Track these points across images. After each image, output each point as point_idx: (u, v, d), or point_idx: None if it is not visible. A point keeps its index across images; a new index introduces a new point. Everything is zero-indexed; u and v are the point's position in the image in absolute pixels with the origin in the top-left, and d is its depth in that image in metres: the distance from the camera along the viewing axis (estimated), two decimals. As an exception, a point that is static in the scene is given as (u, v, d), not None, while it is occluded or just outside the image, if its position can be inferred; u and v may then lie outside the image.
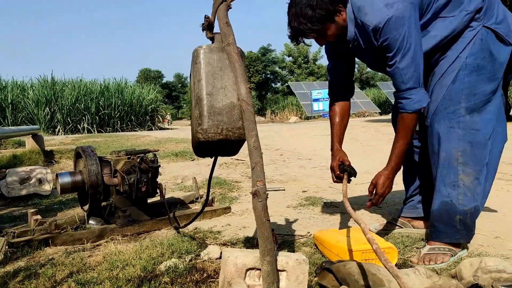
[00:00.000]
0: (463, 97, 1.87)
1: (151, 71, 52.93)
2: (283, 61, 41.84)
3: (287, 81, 37.55)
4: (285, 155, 6.26)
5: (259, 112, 36.84)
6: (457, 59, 1.88)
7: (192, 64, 1.55)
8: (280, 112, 27.47)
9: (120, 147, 7.65)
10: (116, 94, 17.89)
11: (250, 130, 1.41)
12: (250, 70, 40.30)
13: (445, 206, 1.92)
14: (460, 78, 1.87)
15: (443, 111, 1.91)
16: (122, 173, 2.51)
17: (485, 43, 1.85)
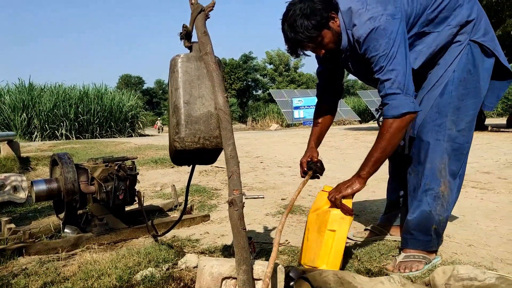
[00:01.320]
0: (450, 111, 1.91)
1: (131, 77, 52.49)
2: (265, 68, 42.09)
3: (268, 88, 37.74)
4: (265, 162, 6.28)
5: (240, 119, 36.87)
6: (445, 72, 1.92)
7: (170, 72, 1.56)
8: (261, 120, 27.53)
9: (98, 154, 7.55)
10: (95, 100, 17.68)
11: (227, 139, 1.41)
12: (232, 77, 40.38)
13: (424, 215, 1.96)
14: (447, 91, 1.91)
15: (431, 123, 1.94)
16: (100, 180, 2.48)
17: (471, 57, 1.90)
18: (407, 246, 2.03)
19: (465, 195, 3.47)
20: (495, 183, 3.94)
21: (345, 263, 2.04)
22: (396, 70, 1.72)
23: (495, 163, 5.11)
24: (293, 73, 40.44)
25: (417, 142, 1.99)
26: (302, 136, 11.51)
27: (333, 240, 1.79)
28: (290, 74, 40.13)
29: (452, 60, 1.91)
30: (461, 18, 1.89)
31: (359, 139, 9.66)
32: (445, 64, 1.93)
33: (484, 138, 8.50)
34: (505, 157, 5.52)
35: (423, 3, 1.86)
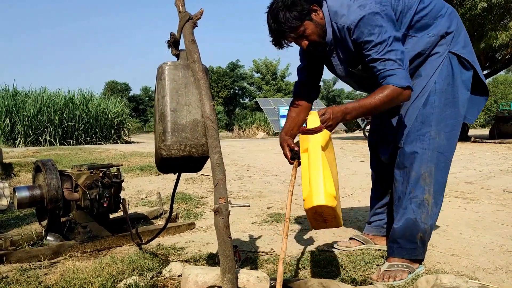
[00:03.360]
0: (433, 120, 1.96)
1: (118, 84, 52.11)
2: (252, 77, 42.19)
3: (255, 97, 37.84)
4: (251, 171, 6.27)
5: (226, 127, 36.83)
6: (428, 83, 1.97)
7: (157, 80, 1.56)
8: (248, 128, 27.54)
9: (83, 161, 7.46)
10: (81, 106, 17.48)
11: (213, 147, 1.42)
12: (219, 85, 40.40)
13: (409, 223, 1.99)
14: (430, 102, 1.96)
15: (415, 133, 1.98)
16: (84, 187, 2.45)
17: (450, 69, 1.97)
18: (393, 255, 2.05)
19: (448, 205, 3.52)
20: (478, 193, 4.01)
21: (330, 272, 2.05)
22: (395, 50, 1.76)
23: (478, 174, 5.20)
24: (280, 81, 40.61)
25: (402, 152, 2.03)
26: (289, 144, 11.52)
27: (307, 160, 1.64)
28: (277, 83, 40.28)
29: (433, 71, 1.97)
30: (440, 28, 1.96)
31: (344, 148, 9.72)
32: (427, 76, 1.98)
33: (467, 149, 8.64)
34: (488, 168, 5.61)
35: (407, 4, 1.92)
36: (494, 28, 9.43)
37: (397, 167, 2.05)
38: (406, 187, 2.00)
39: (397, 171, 2.06)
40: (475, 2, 8.94)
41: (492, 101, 33.62)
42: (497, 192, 4.03)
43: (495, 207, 3.40)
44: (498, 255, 2.25)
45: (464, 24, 7.79)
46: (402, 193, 2.02)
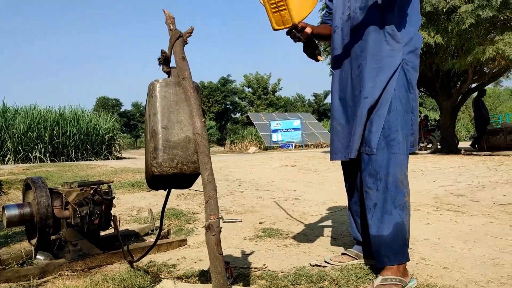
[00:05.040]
0: (399, 125, 2.05)
1: (109, 100, 52.06)
2: (243, 91, 42.40)
3: (247, 111, 37.97)
4: (243, 186, 6.26)
5: (218, 142, 36.85)
6: (386, 89, 2.04)
7: (147, 97, 1.56)
8: (240, 142, 27.57)
9: (74, 177, 7.40)
10: (71, 123, 17.40)
11: (204, 164, 1.42)
12: (210, 100, 40.51)
13: (399, 228, 2.01)
14: (393, 109, 2.04)
15: (385, 139, 2.04)
16: (74, 205, 2.43)
17: (405, 75, 2.07)
18: (389, 263, 2.03)
19: (439, 218, 3.54)
20: (469, 206, 4.03)
21: (323, 287, 2.04)
22: None
23: (469, 186, 5.23)
24: (271, 96, 40.84)
25: (374, 159, 2.06)
26: (280, 159, 11.56)
27: None
28: (269, 98, 40.51)
29: (390, 75, 2.04)
30: (408, 35, 2.08)
31: (336, 162, 9.77)
32: (385, 78, 2.04)
33: (458, 162, 8.71)
34: (478, 180, 5.66)
35: None
36: (481, 42, 9.59)
37: (369, 175, 2.08)
38: (384, 192, 2.02)
39: (369, 179, 2.08)
40: (462, 18, 9.10)
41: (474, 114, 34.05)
42: (487, 204, 4.06)
43: (486, 219, 3.42)
44: (489, 267, 2.26)
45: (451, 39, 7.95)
46: (378, 200, 2.04)
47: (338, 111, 2.29)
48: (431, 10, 9.45)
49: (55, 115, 17.42)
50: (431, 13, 9.62)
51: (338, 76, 2.29)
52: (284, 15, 1.90)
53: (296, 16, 1.90)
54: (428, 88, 13.88)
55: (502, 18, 9.18)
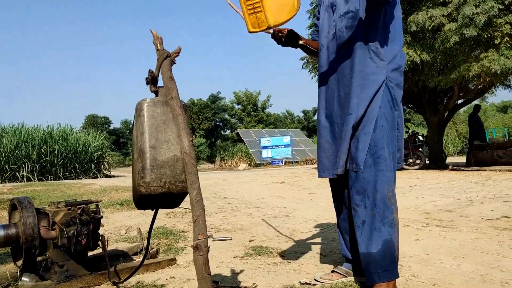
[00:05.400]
0: (385, 143, 2.07)
1: (98, 117, 51.87)
2: (233, 108, 42.54)
3: (237, 128, 38.02)
4: (233, 203, 6.24)
5: (208, 159, 36.75)
6: (371, 106, 2.07)
7: (135, 116, 1.57)
8: (230, 159, 27.54)
9: (61, 197, 7.31)
10: (60, 141, 17.27)
11: (192, 183, 1.42)
12: (200, 117, 40.56)
13: (388, 245, 2.01)
14: (379, 126, 2.07)
15: (372, 156, 2.06)
16: (61, 225, 2.40)
17: (389, 92, 2.10)
18: (379, 280, 2.03)
19: (428, 234, 3.55)
20: (457, 221, 4.06)
21: (313, 306, 2.03)
22: None
23: (457, 202, 5.27)
24: (261, 113, 41.03)
25: (362, 176, 2.07)
26: (270, 175, 11.55)
27: None
28: (258, 114, 40.68)
29: (374, 92, 2.07)
30: (391, 53, 2.11)
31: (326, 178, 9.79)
32: (368, 96, 2.07)
33: (446, 177, 8.79)
34: (466, 195, 5.71)
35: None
36: (466, 59, 9.79)
37: (357, 192, 2.09)
38: (372, 209, 2.03)
39: (357, 196, 2.09)
40: (447, 36, 9.30)
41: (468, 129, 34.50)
42: (476, 220, 4.09)
43: (474, 235, 3.44)
44: (478, 283, 2.27)
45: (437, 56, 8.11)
46: (367, 217, 2.05)
47: (325, 128, 2.31)
48: (417, 29, 9.64)
49: (43, 133, 17.30)
50: (416, 31, 9.82)
51: (324, 93, 2.33)
52: (259, 17, 1.91)
53: (271, 18, 1.90)
54: (416, 104, 14.09)
55: (486, 36, 9.39)
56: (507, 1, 9.05)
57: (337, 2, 2.24)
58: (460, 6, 9.11)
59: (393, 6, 2.12)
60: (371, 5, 2.07)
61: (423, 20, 9.43)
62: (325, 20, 2.33)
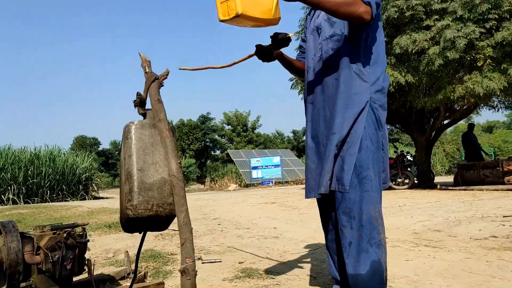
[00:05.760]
0: (370, 163, 2.07)
1: (87, 138, 51.53)
2: (222, 129, 42.60)
3: (227, 149, 38.01)
4: (223, 224, 6.19)
5: (198, 179, 36.57)
6: (355, 127, 2.08)
7: (123, 139, 1.56)
8: (220, 180, 27.43)
9: (47, 220, 7.20)
10: (47, 163, 17.07)
11: (180, 205, 1.41)
12: (190, 138, 40.50)
13: (376, 266, 2.00)
14: (364, 147, 2.08)
15: (358, 177, 2.06)
16: (46, 249, 2.35)
17: (373, 113, 2.12)
18: None
19: (418, 254, 3.55)
20: (446, 241, 4.07)
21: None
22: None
23: (445, 221, 5.30)
24: (251, 133, 41.11)
25: (348, 197, 2.07)
26: (260, 196, 11.51)
27: None
28: (248, 135, 40.76)
29: (358, 112, 2.09)
30: (375, 75, 2.14)
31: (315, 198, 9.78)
32: (352, 115, 2.09)
33: (434, 196, 8.84)
34: (454, 215, 5.74)
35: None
36: (450, 81, 9.99)
37: (343, 213, 2.09)
38: (358, 230, 2.03)
39: (343, 217, 2.09)
40: (431, 59, 9.50)
41: (455, 149, 34.91)
42: (464, 239, 4.10)
43: (463, 255, 3.45)
44: (468, 304, 2.26)
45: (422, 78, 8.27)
46: (353, 238, 2.04)
47: (311, 149, 2.33)
48: (401, 52, 9.85)
49: (30, 155, 17.10)
50: (401, 53, 10.02)
51: (311, 114, 2.35)
52: (230, 5, 1.90)
53: (241, 6, 1.87)
54: (403, 125, 14.27)
55: (469, 58, 9.61)
56: (488, 26, 9.29)
57: (322, 25, 2.29)
58: (443, 30, 9.34)
59: (375, 29, 2.17)
60: (354, 28, 2.12)
61: (405, 44, 9.64)
62: (311, 42, 2.37)
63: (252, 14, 1.91)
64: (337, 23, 2.19)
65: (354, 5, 1.93)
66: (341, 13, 1.95)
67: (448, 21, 9.35)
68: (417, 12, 9.78)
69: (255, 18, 1.94)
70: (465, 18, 9.32)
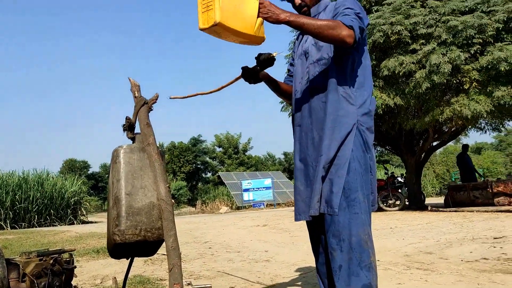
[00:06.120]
0: (358, 185, 2.08)
1: (76, 162, 51.06)
2: (214, 151, 42.51)
3: (218, 171, 37.87)
4: (213, 248, 6.12)
5: (189, 202, 36.26)
6: (343, 149, 2.09)
7: (111, 163, 1.56)
8: (211, 202, 27.22)
9: (34, 245, 7.06)
10: (35, 187, 16.83)
11: (168, 230, 1.40)
12: (181, 160, 40.32)
13: None
14: (352, 169, 2.08)
15: (346, 199, 2.06)
16: (32, 276, 2.30)
17: (361, 135, 2.14)
18: None
19: (410, 277, 3.53)
20: (438, 264, 4.05)
21: None
22: (361, 22, 2.05)
23: (437, 243, 5.29)
24: (242, 155, 41.06)
25: (336, 219, 2.06)
26: (252, 219, 11.43)
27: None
28: (239, 157, 40.70)
29: (346, 134, 2.10)
30: (361, 98, 2.17)
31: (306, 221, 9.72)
32: (339, 137, 2.10)
33: (425, 218, 8.85)
34: (445, 237, 5.74)
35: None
36: (438, 103, 10.14)
37: (333, 235, 2.08)
38: (348, 253, 2.01)
39: (333, 240, 2.08)
40: (418, 82, 9.66)
41: (445, 170, 35.14)
42: (455, 262, 4.09)
43: (455, 277, 3.44)
44: (460, 328, 2.24)
45: (410, 100, 8.39)
46: (343, 261, 2.02)
47: (300, 171, 2.33)
48: (389, 74, 10.01)
49: (18, 179, 16.85)
50: (389, 76, 10.18)
51: (299, 137, 2.36)
52: (210, 14, 1.91)
53: (220, 15, 1.87)
54: (393, 146, 14.39)
55: (455, 81, 9.79)
56: (472, 50, 9.51)
57: (310, 49, 2.33)
58: (429, 54, 9.53)
59: (361, 54, 2.21)
60: (340, 52, 2.16)
61: (393, 66, 9.81)
62: (299, 66, 2.41)
63: (232, 26, 1.92)
64: (324, 47, 2.23)
65: (337, 29, 1.97)
66: (324, 36, 1.99)
67: (433, 45, 9.55)
68: (402, 37, 9.98)
69: (236, 31, 1.95)
70: (449, 43, 9.53)
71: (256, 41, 2.04)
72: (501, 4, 9.52)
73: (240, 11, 1.94)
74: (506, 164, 45.13)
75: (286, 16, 1.99)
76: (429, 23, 9.86)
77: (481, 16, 9.41)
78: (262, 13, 2.00)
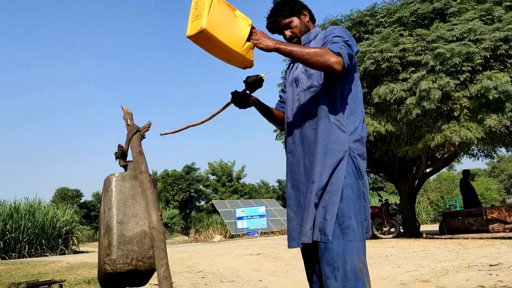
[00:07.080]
0: (352, 212, 2.06)
1: (69, 190, 50.52)
2: (207, 179, 42.30)
3: (211, 199, 37.60)
4: (207, 277, 6.02)
5: (183, 231, 35.80)
6: (335, 176, 2.09)
7: (103, 191, 1.55)
8: (205, 231, 26.90)
9: (24, 276, 6.90)
10: (26, 216, 16.57)
11: (160, 259, 1.39)
12: (174, 188, 40.04)
13: None
14: (345, 196, 2.07)
15: (340, 227, 2.04)
16: (20, 308, 2.25)
17: (353, 162, 2.14)
18: None
19: (405, 305, 3.48)
20: (433, 291, 4.01)
21: None
22: (350, 50, 2.09)
23: (432, 271, 5.24)
24: (236, 183, 40.86)
25: (330, 247, 2.04)
26: (246, 247, 11.29)
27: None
28: (233, 185, 40.49)
29: (338, 161, 2.11)
30: (353, 125, 2.18)
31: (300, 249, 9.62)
32: (331, 164, 2.10)
33: (420, 245, 8.80)
34: (441, 264, 5.69)
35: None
36: (430, 130, 10.24)
37: (327, 263, 2.05)
38: (343, 281, 1.99)
39: (327, 268, 2.05)
40: (409, 109, 9.78)
41: (439, 197, 35.14)
42: (451, 289, 4.05)
43: (451, 305, 3.40)
44: None
45: (402, 127, 8.47)
46: None
47: (291, 198, 2.33)
48: (380, 101, 10.14)
49: (9, 208, 16.61)
50: (380, 103, 10.30)
51: (290, 164, 2.37)
52: (198, 22, 1.94)
53: (207, 23, 1.90)
54: (387, 173, 14.43)
55: (446, 108, 9.92)
56: (462, 78, 9.68)
57: (300, 77, 2.37)
58: (419, 81, 9.69)
59: (351, 81, 2.25)
60: (330, 79, 2.19)
61: (384, 93, 9.95)
62: (290, 94, 2.44)
63: (218, 36, 1.95)
64: (314, 75, 2.27)
65: (325, 56, 2.02)
66: (313, 63, 2.04)
67: (423, 72, 9.72)
68: (393, 64, 10.17)
69: (222, 43, 1.97)
70: (437, 70, 9.71)
71: (243, 62, 2.07)
72: (488, 33, 9.76)
73: (229, 27, 2.00)
74: (500, 191, 45.30)
75: (275, 44, 2.04)
76: (417, 50, 10.08)
77: (468, 44, 9.63)
78: (253, 39, 2.07)
